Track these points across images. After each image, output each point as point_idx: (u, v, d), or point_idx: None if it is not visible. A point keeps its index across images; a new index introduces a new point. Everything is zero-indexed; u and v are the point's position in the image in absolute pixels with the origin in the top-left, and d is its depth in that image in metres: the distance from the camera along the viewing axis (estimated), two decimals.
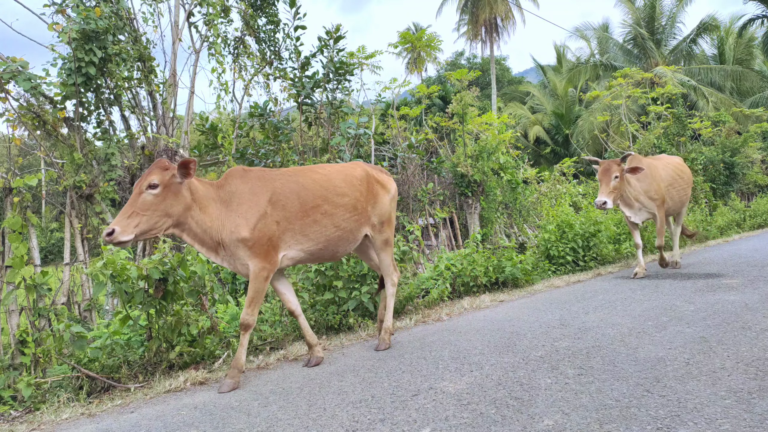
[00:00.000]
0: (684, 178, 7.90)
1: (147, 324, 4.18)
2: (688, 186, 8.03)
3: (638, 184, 7.02)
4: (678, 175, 7.74)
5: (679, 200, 7.80)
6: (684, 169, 8.05)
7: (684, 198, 7.93)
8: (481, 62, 40.04)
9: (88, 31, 5.66)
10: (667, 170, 7.56)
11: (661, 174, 7.36)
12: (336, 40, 8.49)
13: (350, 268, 5.32)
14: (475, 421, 2.60)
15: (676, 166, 7.93)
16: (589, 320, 4.64)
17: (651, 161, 7.47)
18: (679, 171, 7.85)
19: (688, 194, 8.07)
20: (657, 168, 7.36)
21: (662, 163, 7.66)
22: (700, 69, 25.56)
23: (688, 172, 8.09)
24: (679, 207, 7.95)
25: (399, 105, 13.77)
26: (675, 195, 7.59)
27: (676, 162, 8.11)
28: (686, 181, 7.94)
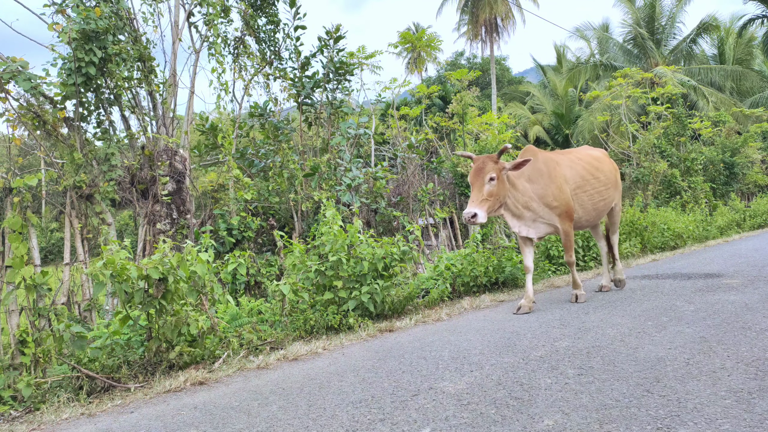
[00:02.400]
0: (601, 179, 6.01)
1: (147, 324, 4.18)
2: (610, 188, 6.16)
3: (530, 187, 5.41)
4: (591, 175, 5.91)
5: (593, 208, 5.93)
6: (602, 167, 6.16)
7: (602, 204, 6.07)
8: (481, 62, 40.03)
9: (88, 31, 5.66)
10: (576, 168, 5.82)
11: (566, 173, 5.68)
12: (336, 40, 8.49)
13: (350, 268, 5.32)
14: (475, 421, 2.60)
15: (590, 162, 6.06)
16: (589, 320, 4.64)
17: (552, 156, 5.82)
18: (594, 169, 6.00)
19: (612, 199, 6.23)
20: (559, 165, 5.69)
21: (568, 159, 5.92)
22: (700, 69, 25.55)
23: (609, 170, 6.23)
24: (595, 216, 6.09)
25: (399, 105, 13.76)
26: (587, 201, 5.81)
27: (593, 156, 6.24)
28: (604, 182, 6.05)
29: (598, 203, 5.96)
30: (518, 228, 5.46)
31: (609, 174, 6.19)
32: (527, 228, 5.50)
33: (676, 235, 11.12)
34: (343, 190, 7.67)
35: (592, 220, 6.06)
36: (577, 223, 5.80)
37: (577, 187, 5.72)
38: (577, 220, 5.77)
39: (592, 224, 6.23)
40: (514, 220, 5.45)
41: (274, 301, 5.50)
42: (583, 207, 5.79)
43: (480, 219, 4.84)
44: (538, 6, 36.39)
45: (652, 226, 10.69)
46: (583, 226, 6.08)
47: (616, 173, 6.47)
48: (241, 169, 8.18)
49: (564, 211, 5.51)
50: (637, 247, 9.93)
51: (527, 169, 5.33)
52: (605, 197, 6.06)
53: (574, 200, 5.66)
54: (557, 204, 5.47)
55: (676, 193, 14.76)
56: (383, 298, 5.43)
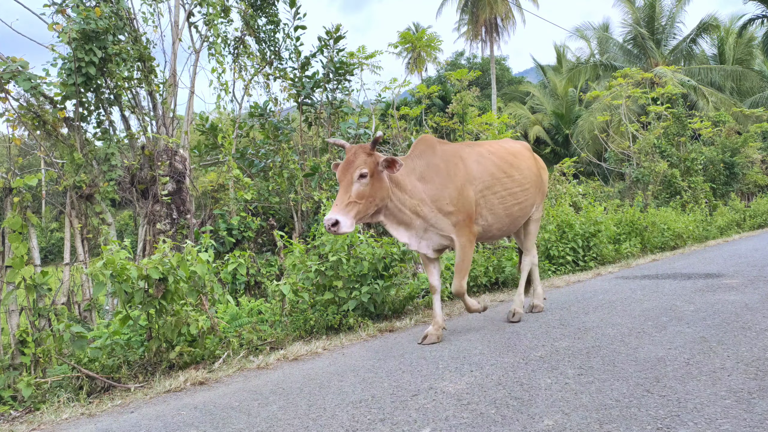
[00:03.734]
0: (516, 178, 4.81)
1: (147, 324, 4.18)
2: (529, 190, 4.96)
3: (422, 187, 4.25)
4: (504, 172, 4.74)
5: (506, 213, 4.73)
6: (519, 163, 4.96)
7: (517, 209, 4.84)
8: (481, 62, 40.03)
9: (88, 31, 5.66)
10: (485, 164, 4.66)
11: (471, 170, 4.52)
12: (336, 40, 8.49)
13: (350, 268, 5.32)
14: (475, 421, 2.60)
15: (504, 157, 4.89)
16: (589, 320, 4.64)
17: (455, 148, 4.62)
18: (508, 165, 4.82)
19: (530, 203, 5.04)
20: (463, 160, 4.52)
21: (476, 153, 4.72)
22: (700, 69, 25.57)
23: (528, 168, 5.05)
24: (509, 224, 4.86)
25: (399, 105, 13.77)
26: (497, 204, 4.62)
27: (508, 150, 5.05)
28: (521, 182, 4.85)
29: (511, 208, 4.76)
30: (407, 240, 4.27)
31: (528, 172, 5.01)
32: (418, 240, 4.32)
33: (676, 235, 11.12)
34: None
35: (505, 228, 4.85)
36: (487, 232, 4.67)
37: (486, 187, 4.55)
38: (486, 228, 4.63)
39: (505, 233, 5.03)
40: (401, 230, 4.25)
41: (274, 301, 5.50)
42: (493, 212, 4.61)
43: (344, 228, 3.73)
44: (538, 6, 36.44)
45: (652, 226, 10.70)
46: (494, 236, 4.90)
47: (541, 172, 5.34)
48: (241, 169, 8.18)
49: (462, 219, 4.30)
50: (637, 247, 9.93)
51: (420, 164, 4.32)
52: (521, 201, 4.85)
53: (483, 204, 4.52)
54: (453, 209, 4.26)
55: (676, 193, 14.77)
56: (383, 298, 5.43)
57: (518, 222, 5.00)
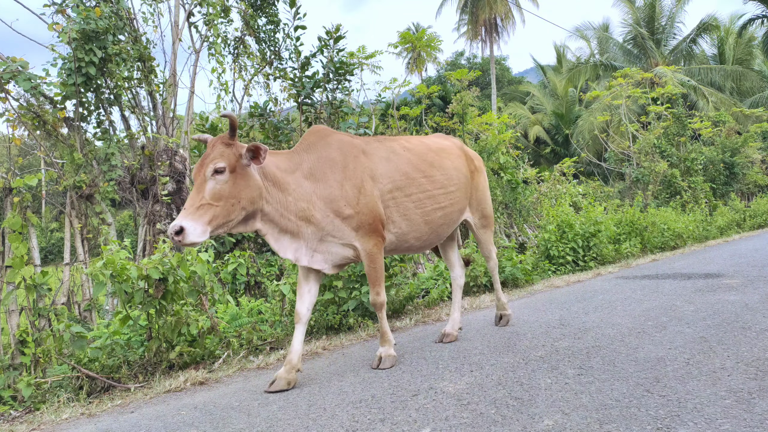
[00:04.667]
0: (437, 179, 4.05)
1: (147, 324, 4.18)
2: (455, 193, 4.20)
3: (312, 187, 3.50)
4: (421, 172, 3.97)
5: (425, 221, 3.95)
6: (443, 162, 4.18)
7: (440, 216, 4.06)
8: (481, 62, 40.04)
9: (88, 31, 5.66)
10: (397, 161, 3.88)
11: (376, 167, 3.75)
12: (336, 40, 8.49)
13: (350, 268, 5.32)
14: (475, 421, 2.60)
15: (424, 154, 4.09)
16: (589, 320, 4.64)
17: (357, 142, 3.81)
18: (427, 164, 4.05)
19: (460, 209, 4.29)
20: (367, 155, 3.76)
21: (387, 148, 3.94)
22: (700, 69, 25.58)
23: (454, 168, 4.26)
24: (430, 233, 4.05)
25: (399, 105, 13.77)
26: (413, 210, 3.86)
27: (430, 147, 4.24)
28: (443, 183, 4.09)
29: (431, 214, 3.98)
30: (294, 255, 3.47)
31: (454, 173, 4.23)
32: (310, 253, 3.52)
33: (676, 235, 11.12)
34: None
35: (425, 237, 4.04)
36: (402, 241, 3.90)
37: (397, 188, 3.80)
38: (401, 237, 3.86)
39: (427, 244, 4.16)
40: (285, 241, 3.44)
41: (274, 301, 5.50)
42: (407, 218, 3.85)
43: (191, 236, 2.91)
44: (538, 6, 36.44)
45: (652, 226, 10.70)
46: (412, 248, 4.10)
47: (474, 174, 4.55)
48: None
49: (366, 224, 3.58)
50: (637, 247, 9.93)
51: (309, 159, 3.58)
52: (444, 205, 4.08)
53: (394, 208, 3.77)
54: (353, 211, 3.54)
55: (676, 193, 14.77)
56: None
57: (443, 231, 4.18)
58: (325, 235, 3.54)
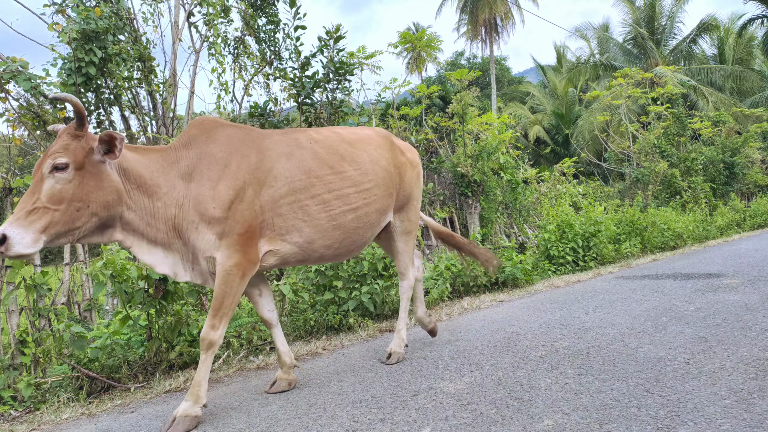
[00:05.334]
0: (350, 176, 3.45)
1: (147, 324, 4.18)
2: (375, 191, 3.59)
3: (183, 188, 2.95)
4: (330, 168, 3.38)
5: (334, 225, 3.35)
6: (358, 155, 3.56)
7: (352, 219, 3.44)
8: (481, 62, 40.03)
9: (88, 31, 5.66)
10: (300, 156, 3.29)
11: (275, 164, 3.19)
12: (336, 40, 8.49)
13: (350, 268, 5.32)
14: (475, 421, 2.60)
15: (335, 147, 3.50)
16: (589, 320, 4.64)
17: (250, 134, 3.26)
18: (338, 158, 3.45)
19: (380, 210, 3.65)
20: (262, 150, 3.20)
21: (290, 140, 3.35)
22: (700, 69, 25.57)
23: (372, 161, 3.63)
24: (343, 239, 3.45)
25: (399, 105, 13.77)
26: (318, 212, 3.26)
27: (345, 138, 3.63)
28: (358, 181, 3.49)
29: (342, 217, 3.37)
30: (172, 269, 2.98)
31: (371, 167, 3.60)
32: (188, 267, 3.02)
33: (676, 235, 11.12)
34: None
35: (337, 245, 3.43)
36: (308, 252, 3.30)
37: (299, 188, 3.22)
38: (305, 247, 3.26)
39: (341, 253, 3.56)
40: (159, 253, 2.94)
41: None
42: (312, 224, 3.25)
43: (15, 248, 2.43)
44: (538, 6, 36.47)
45: (652, 226, 10.70)
46: (323, 257, 3.48)
47: (402, 169, 3.92)
48: None
49: (234, 234, 2.94)
50: (637, 247, 9.93)
51: (188, 156, 3.02)
52: (358, 206, 3.46)
53: (294, 212, 3.19)
54: (221, 214, 2.92)
55: (676, 193, 14.77)
56: (383, 298, 5.44)
57: (361, 236, 3.57)
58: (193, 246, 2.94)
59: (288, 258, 3.28)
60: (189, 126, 3.22)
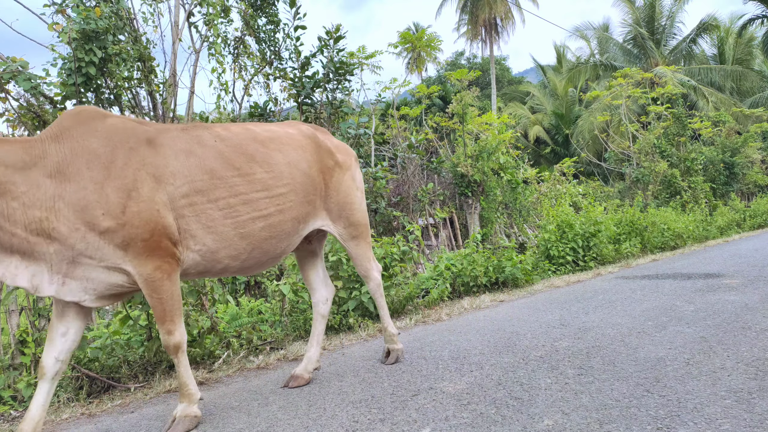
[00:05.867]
0: (257, 178, 3.10)
1: (147, 324, 4.18)
2: (290, 196, 3.23)
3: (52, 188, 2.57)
4: (237, 170, 3.04)
5: (243, 234, 3.01)
6: (272, 156, 3.21)
7: (262, 228, 3.09)
8: (481, 62, 40.03)
9: (88, 31, 5.66)
10: (201, 155, 2.95)
11: (169, 163, 2.83)
12: (336, 40, 8.49)
13: (350, 268, 5.32)
14: (475, 421, 2.60)
15: (242, 145, 3.14)
16: (589, 320, 4.64)
17: (150, 129, 2.92)
18: (247, 158, 3.10)
19: (297, 217, 3.26)
20: (155, 147, 2.83)
21: (191, 138, 3.01)
22: (700, 69, 25.58)
23: (288, 163, 3.26)
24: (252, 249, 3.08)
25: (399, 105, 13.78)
26: (220, 219, 2.93)
27: (257, 136, 3.26)
28: (270, 185, 3.14)
29: (249, 225, 3.02)
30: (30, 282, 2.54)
31: (286, 169, 3.24)
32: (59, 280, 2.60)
33: (676, 235, 11.13)
34: None
35: (248, 256, 3.09)
36: (213, 262, 2.96)
37: (198, 191, 2.86)
38: (209, 257, 2.93)
39: (257, 264, 3.22)
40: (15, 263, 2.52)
41: (274, 301, 5.51)
42: (213, 231, 2.90)
43: None
44: (538, 6, 36.45)
45: (652, 226, 10.70)
46: (232, 269, 3.12)
47: (334, 171, 3.56)
48: None
49: (139, 240, 2.63)
50: (637, 247, 9.93)
51: (59, 151, 2.62)
52: (269, 213, 3.10)
53: (190, 218, 2.83)
54: (114, 223, 2.60)
55: (676, 193, 14.78)
56: None
57: (273, 248, 3.18)
58: (77, 256, 2.58)
59: (189, 268, 2.90)
60: (61, 116, 2.80)
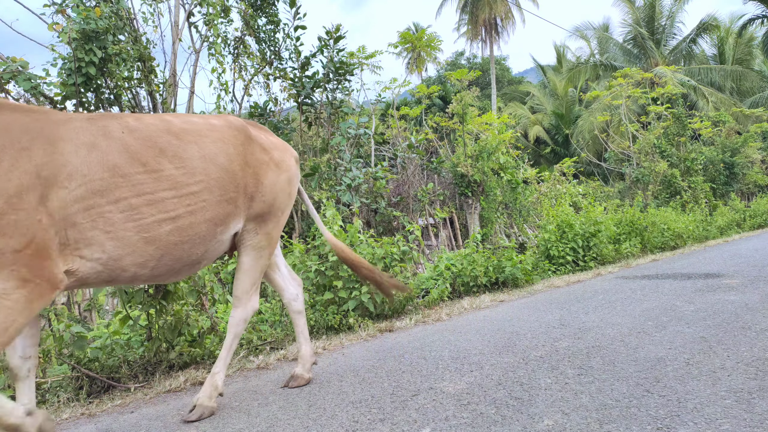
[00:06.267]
0: (166, 175, 2.77)
1: (147, 324, 4.18)
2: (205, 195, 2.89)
3: None
4: (144, 167, 2.70)
5: (148, 239, 2.67)
6: (185, 150, 2.87)
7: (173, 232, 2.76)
8: (481, 62, 40.03)
9: (88, 31, 5.66)
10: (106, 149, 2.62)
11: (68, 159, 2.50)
12: (336, 40, 8.49)
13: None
14: (475, 421, 2.60)
15: (152, 138, 2.80)
16: (589, 320, 4.64)
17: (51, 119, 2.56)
18: (156, 154, 2.76)
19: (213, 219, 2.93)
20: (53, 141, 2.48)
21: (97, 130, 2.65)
22: (700, 69, 25.58)
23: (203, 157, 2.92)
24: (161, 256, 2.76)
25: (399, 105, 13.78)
26: (122, 223, 2.59)
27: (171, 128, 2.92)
28: (182, 183, 2.81)
29: (155, 228, 2.70)
30: None
31: (200, 165, 2.91)
32: None
33: (676, 235, 11.13)
34: (343, 190, 7.67)
35: (157, 264, 2.77)
36: (117, 271, 2.64)
37: (99, 190, 2.56)
38: (112, 265, 2.61)
39: (170, 272, 2.91)
40: None
41: (274, 301, 5.51)
42: (115, 236, 2.59)
43: None
44: (538, 6, 36.46)
45: (652, 226, 10.71)
46: (142, 278, 2.80)
47: (265, 169, 3.23)
48: None
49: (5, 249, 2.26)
50: (637, 247, 9.93)
51: None
52: (178, 214, 2.78)
53: (88, 222, 2.51)
54: None
55: (676, 193, 14.78)
56: (383, 298, 5.43)
57: (186, 254, 2.87)
58: None
59: (89, 278, 2.60)
60: None
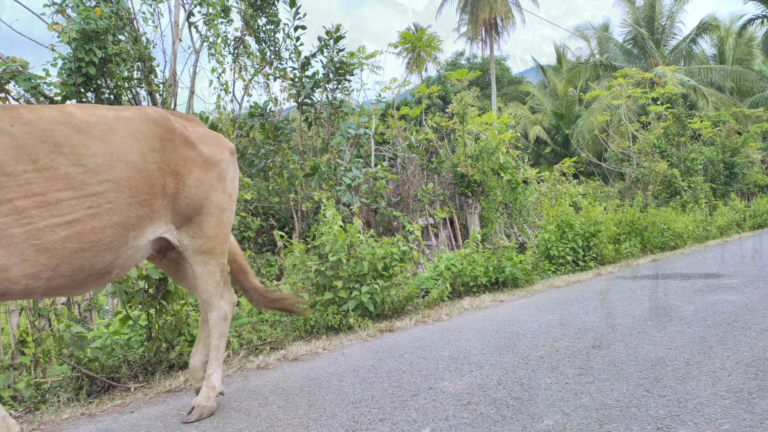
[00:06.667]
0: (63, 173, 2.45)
1: (147, 324, 4.18)
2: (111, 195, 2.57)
3: None
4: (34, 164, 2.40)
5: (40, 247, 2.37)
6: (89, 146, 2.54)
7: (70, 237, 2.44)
8: (481, 62, 40.02)
9: (88, 31, 5.66)
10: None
11: None
12: (336, 40, 8.50)
13: (350, 268, 5.32)
14: (475, 421, 2.60)
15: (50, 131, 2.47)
16: (589, 320, 4.64)
17: None
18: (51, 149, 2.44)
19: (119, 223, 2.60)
20: None
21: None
22: (700, 69, 25.56)
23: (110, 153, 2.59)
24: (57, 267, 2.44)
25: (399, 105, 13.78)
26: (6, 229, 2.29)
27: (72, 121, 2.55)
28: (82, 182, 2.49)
29: (49, 234, 2.41)
30: None
31: (104, 162, 2.59)
32: None
33: (676, 235, 11.13)
34: (343, 190, 7.67)
35: (52, 274, 2.45)
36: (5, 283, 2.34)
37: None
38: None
39: (64, 286, 2.55)
40: None
41: None
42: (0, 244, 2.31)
43: None
44: (538, 6, 36.49)
45: (652, 226, 10.70)
46: (38, 291, 2.49)
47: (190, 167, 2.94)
48: (241, 168, 8.18)
49: None
50: (637, 247, 9.93)
51: None
52: (76, 218, 2.48)
53: None
54: None
55: (676, 193, 14.78)
56: (383, 298, 5.43)
57: (89, 263, 2.55)
58: None
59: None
60: None
